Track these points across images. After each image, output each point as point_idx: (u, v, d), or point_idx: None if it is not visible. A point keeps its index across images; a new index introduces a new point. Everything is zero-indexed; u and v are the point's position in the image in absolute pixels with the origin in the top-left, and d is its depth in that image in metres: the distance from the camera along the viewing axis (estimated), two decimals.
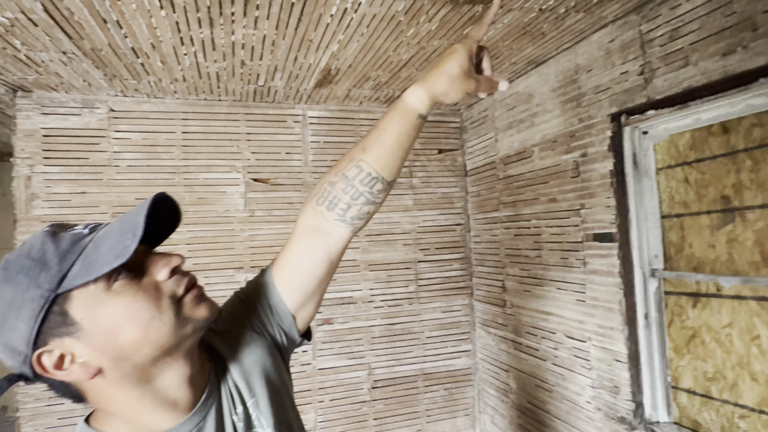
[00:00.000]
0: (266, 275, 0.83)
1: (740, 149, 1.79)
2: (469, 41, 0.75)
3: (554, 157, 2.56)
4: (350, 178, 0.77)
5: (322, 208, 0.79)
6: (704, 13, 1.74)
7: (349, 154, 0.80)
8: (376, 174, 0.76)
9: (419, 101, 0.75)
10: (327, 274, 0.82)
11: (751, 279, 1.70)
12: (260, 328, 0.77)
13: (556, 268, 2.57)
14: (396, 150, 0.76)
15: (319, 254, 0.79)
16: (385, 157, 0.76)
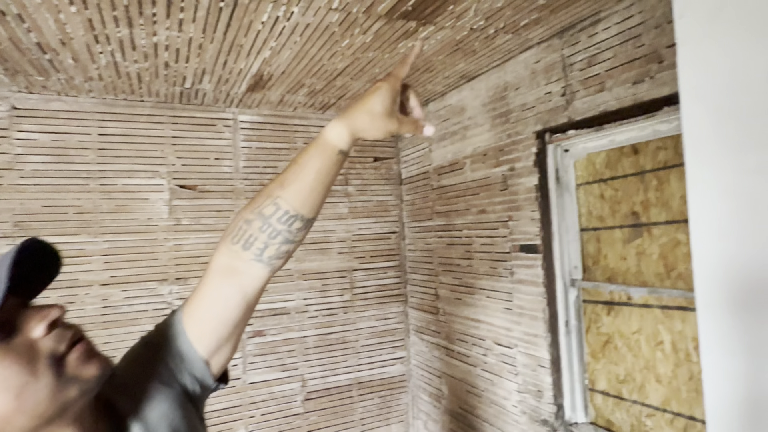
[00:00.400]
0: (175, 319, 0.76)
1: (648, 169, 1.95)
2: (392, 80, 0.73)
3: (484, 170, 2.65)
4: (267, 216, 0.72)
5: (238, 248, 0.73)
6: (618, 43, 1.87)
7: (267, 190, 0.75)
8: (295, 212, 0.72)
9: (339, 137, 0.73)
10: (243, 317, 0.76)
11: (656, 290, 1.86)
12: (168, 378, 0.71)
13: (486, 277, 2.66)
14: (316, 187, 0.73)
15: (235, 297, 0.74)
16: (304, 195, 0.72)
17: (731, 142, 0.97)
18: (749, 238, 0.94)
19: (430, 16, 1.88)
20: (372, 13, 1.83)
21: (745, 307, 0.95)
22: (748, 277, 0.95)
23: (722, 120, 0.99)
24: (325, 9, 1.77)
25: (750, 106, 0.93)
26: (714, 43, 0.99)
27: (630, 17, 1.82)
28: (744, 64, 0.94)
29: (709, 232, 1.02)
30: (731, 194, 0.97)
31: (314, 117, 3.28)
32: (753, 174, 0.93)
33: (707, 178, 1.02)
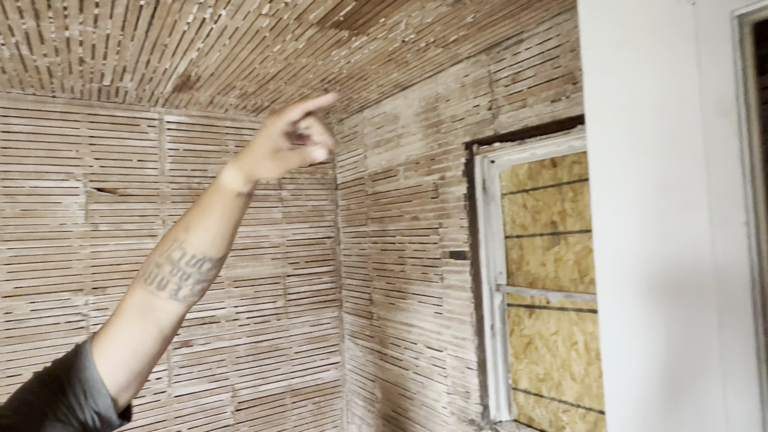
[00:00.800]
0: (82, 354, 0.71)
1: (565, 182, 2.09)
2: (278, 122, 0.72)
3: (417, 178, 2.71)
4: (176, 261, 0.71)
5: (152, 288, 0.71)
6: (539, 63, 1.99)
7: (173, 232, 0.72)
8: (203, 255, 0.71)
9: (234, 181, 0.71)
10: (159, 352, 0.74)
11: (571, 294, 2.00)
12: (66, 416, 0.66)
13: (418, 282, 2.72)
14: (220, 229, 0.71)
15: (151, 331, 0.71)
16: (210, 239, 0.71)
17: (629, 161, 1.07)
18: (645, 247, 1.04)
19: (362, 26, 1.90)
20: (304, 21, 1.82)
21: (640, 309, 1.05)
22: (644, 283, 1.05)
23: (621, 141, 1.08)
24: (254, 14, 1.73)
25: (643, 130, 1.03)
26: (614, 74, 1.09)
27: (549, 39, 1.94)
28: (639, 93, 1.04)
29: (609, 242, 1.11)
30: (630, 207, 1.06)
31: (247, 119, 3.19)
32: (648, 188, 1.03)
33: (608, 192, 1.11)
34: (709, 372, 0.91)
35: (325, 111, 3.17)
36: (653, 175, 1.01)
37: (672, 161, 0.97)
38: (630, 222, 1.06)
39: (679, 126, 0.95)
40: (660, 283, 1.00)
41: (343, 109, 3.15)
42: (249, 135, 3.19)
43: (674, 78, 0.96)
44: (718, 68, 0.88)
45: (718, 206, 0.88)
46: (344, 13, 1.76)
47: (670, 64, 0.97)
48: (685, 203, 0.94)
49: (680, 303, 0.97)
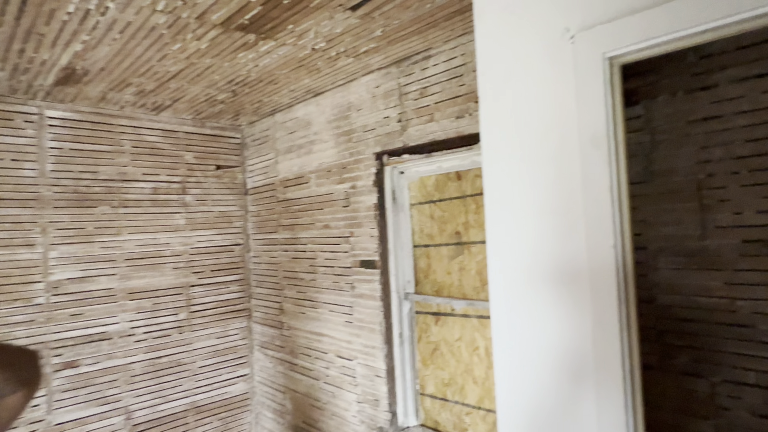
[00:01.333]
0: None
1: (468, 194, 2.19)
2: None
3: (328, 186, 2.68)
4: None
5: None
6: (445, 80, 2.06)
7: None
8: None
9: None
10: None
11: (473, 302, 2.09)
12: None
13: (329, 291, 2.69)
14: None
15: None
16: None
17: (519, 183, 1.13)
18: (533, 262, 1.11)
19: (269, 31, 1.84)
20: (205, 21, 1.72)
21: (525, 317, 1.12)
22: (532, 292, 1.12)
23: (512, 165, 1.15)
24: (148, 9, 1.60)
25: (531, 155, 1.10)
26: (505, 101, 1.15)
27: (454, 57, 2.02)
28: (527, 121, 1.11)
29: (501, 254, 1.17)
30: (519, 226, 1.13)
31: (146, 118, 2.95)
32: (535, 210, 1.10)
33: (500, 211, 1.17)
34: (585, 365, 0.99)
35: (234, 112, 3.04)
36: (540, 197, 1.08)
37: (556, 186, 1.04)
38: (520, 239, 1.13)
39: (561, 153, 1.03)
40: (546, 294, 1.07)
41: (253, 112, 3.04)
42: (149, 135, 2.96)
43: (557, 108, 1.04)
44: (593, 104, 0.96)
45: (592, 231, 0.97)
46: (249, 16, 1.69)
47: (553, 96, 1.04)
48: (566, 226, 1.02)
49: (562, 312, 1.04)
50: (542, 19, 1.06)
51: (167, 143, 3.04)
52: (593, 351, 0.97)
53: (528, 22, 1.09)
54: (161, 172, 3.01)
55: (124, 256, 2.84)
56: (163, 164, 3.02)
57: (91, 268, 2.73)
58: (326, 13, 1.70)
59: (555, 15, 1.04)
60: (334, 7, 1.66)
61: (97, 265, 2.75)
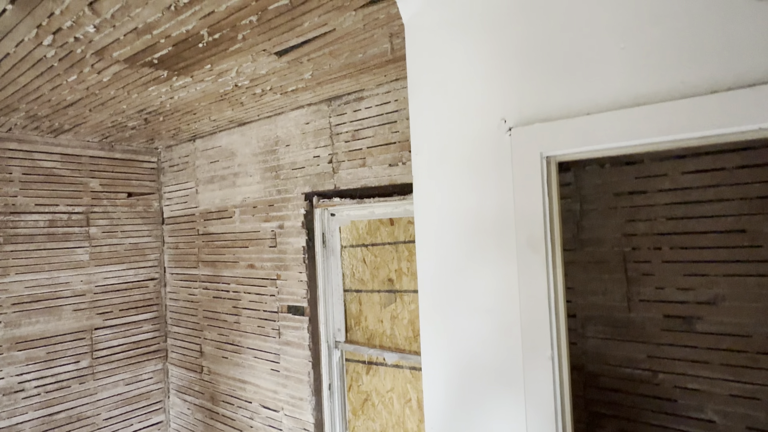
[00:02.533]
0: None
1: (401, 241, 2.12)
2: None
3: (254, 223, 2.50)
4: None
5: None
6: (377, 124, 1.98)
7: None
8: None
9: None
10: None
11: (405, 356, 2.02)
12: None
13: (254, 336, 2.51)
14: None
15: None
16: None
17: (450, 274, 1.06)
18: (470, 361, 1.04)
19: (183, 69, 1.65)
20: (105, 57, 1.50)
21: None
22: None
23: (442, 252, 1.08)
24: (32, 43, 1.36)
25: (462, 231, 1.04)
26: (438, 182, 1.07)
27: (387, 103, 1.94)
28: (458, 198, 1.04)
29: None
30: (453, 324, 1.06)
31: (41, 141, 2.60)
32: (469, 308, 1.04)
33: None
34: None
35: (148, 136, 2.76)
36: (476, 297, 1.01)
37: (491, 283, 0.98)
38: (449, 343, 1.05)
39: (499, 246, 0.97)
40: (483, 388, 1.01)
41: (171, 137, 2.77)
42: (44, 160, 2.61)
43: (494, 199, 0.98)
44: (531, 203, 0.91)
45: (528, 338, 0.91)
46: (158, 56, 1.50)
47: (490, 185, 0.98)
48: (502, 328, 0.96)
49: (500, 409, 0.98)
50: (478, 104, 1.00)
51: (67, 169, 2.69)
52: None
53: (463, 105, 1.02)
54: (60, 201, 2.66)
55: (11, 300, 2.47)
56: (62, 193, 2.67)
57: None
58: (248, 57, 1.55)
59: (491, 103, 0.98)
60: (257, 52, 1.51)
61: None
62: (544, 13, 0.91)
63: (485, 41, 0.99)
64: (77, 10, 1.17)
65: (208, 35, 1.34)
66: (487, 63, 0.99)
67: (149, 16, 1.22)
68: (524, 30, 0.93)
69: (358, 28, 1.36)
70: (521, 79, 0.94)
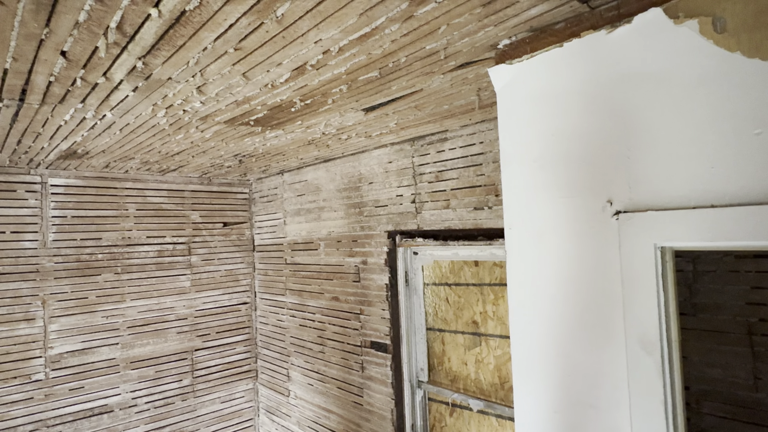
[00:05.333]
0: None
1: (486, 283, 2.06)
2: None
3: (338, 257, 2.57)
4: None
5: None
6: (461, 166, 1.94)
7: None
8: None
9: None
10: None
11: (492, 405, 1.95)
12: None
13: (338, 367, 2.57)
14: None
15: None
16: None
17: (549, 365, 1.00)
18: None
19: (276, 125, 1.73)
20: (208, 121, 1.62)
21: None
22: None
23: (540, 340, 1.02)
24: (147, 115, 1.51)
25: (558, 315, 0.97)
26: (533, 261, 1.02)
27: (472, 144, 1.90)
28: (559, 287, 0.98)
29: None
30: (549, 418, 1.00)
31: (152, 179, 2.87)
32: (570, 401, 0.97)
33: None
34: None
35: (242, 172, 2.94)
36: (577, 389, 0.95)
37: (597, 380, 0.91)
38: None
39: (601, 339, 0.90)
40: None
41: (261, 171, 2.94)
42: (154, 196, 2.88)
43: (597, 289, 0.91)
44: (644, 300, 0.83)
45: None
46: (255, 118, 1.59)
47: (592, 272, 0.92)
48: (607, 423, 0.89)
49: None
50: (579, 182, 0.94)
51: (172, 203, 2.95)
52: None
53: (561, 182, 0.96)
54: (166, 233, 2.92)
55: (126, 323, 2.75)
56: (168, 225, 2.93)
57: (93, 338, 2.64)
58: (336, 113, 1.59)
59: (594, 182, 0.91)
60: (345, 110, 1.55)
61: (98, 335, 2.66)
62: (657, 89, 0.83)
63: (590, 114, 0.93)
64: (187, 92, 1.27)
65: (300, 101, 1.39)
66: (592, 138, 0.92)
67: (249, 92, 1.30)
68: (636, 107, 0.86)
69: (446, 87, 1.34)
70: (629, 160, 0.86)
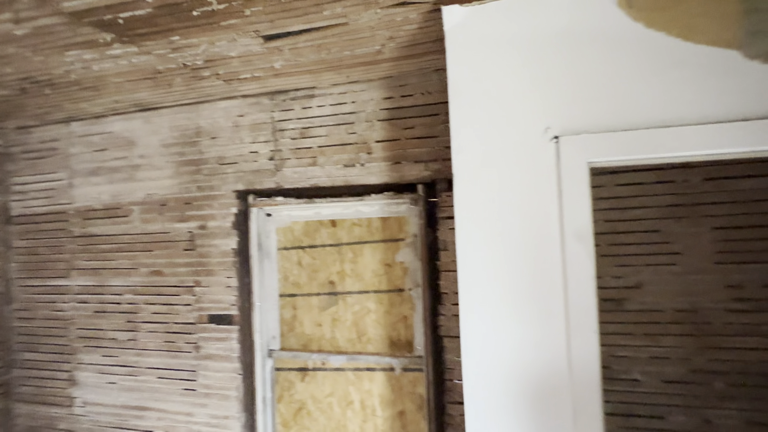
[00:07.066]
0: None
1: (345, 242, 2.11)
2: None
3: (162, 223, 2.18)
4: None
5: None
6: (332, 124, 1.95)
7: None
8: None
9: None
10: None
11: (354, 357, 2.02)
12: None
13: (158, 354, 2.17)
14: None
15: None
16: None
17: (496, 270, 1.16)
18: (510, 348, 1.14)
19: (137, 37, 1.40)
20: (41, 7, 1.19)
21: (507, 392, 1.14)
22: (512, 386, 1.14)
23: (487, 252, 1.17)
24: None
25: (506, 242, 1.15)
26: (481, 183, 1.16)
27: (344, 103, 1.94)
28: (503, 207, 1.15)
29: (475, 342, 1.17)
30: (495, 312, 1.15)
31: None
32: (512, 295, 1.14)
33: (476, 299, 1.17)
34: None
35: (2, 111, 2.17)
36: (515, 284, 1.13)
37: (534, 275, 1.11)
38: (495, 325, 1.15)
39: (540, 242, 1.10)
40: (522, 383, 1.12)
41: (35, 116, 2.23)
42: None
43: (535, 199, 1.11)
44: (578, 204, 1.07)
45: (573, 316, 1.06)
46: (126, 15, 1.25)
47: (531, 187, 1.12)
48: (542, 313, 1.10)
49: (540, 403, 1.11)
50: (522, 112, 1.13)
51: None
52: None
53: (507, 111, 1.14)
54: None
55: None
56: None
57: None
58: (232, 35, 1.40)
59: (536, 112, 1.12)
60: (246, 31, 1.38)
61: None
62: (586, 43, 1.09)
63: (532, 59, 1.13)
64: None
65: (217, 2, 1.18)
66: (533, 78, 1.12)
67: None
68: (566, 56, 1.10)
69: (370, 26, 1.37)
70: (563, 95, 1.10)
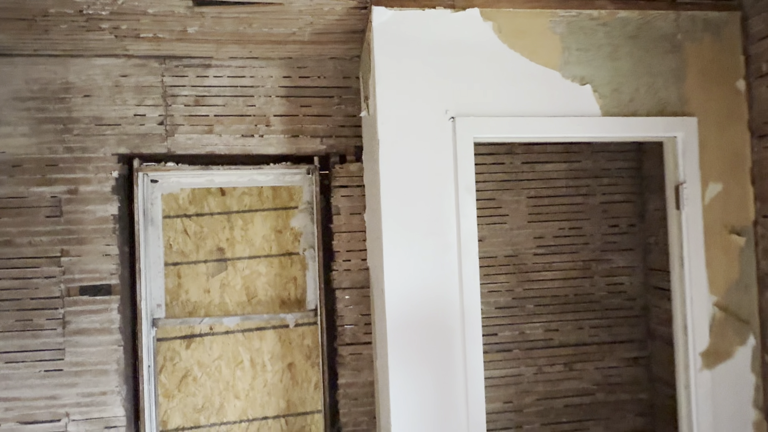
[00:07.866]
0: None
1: (235, 211, 2.20)
2: None
3: (16, 187, 1.92)
4: None
5: None
6: (230, 95, 2.04)
7: None
8: None
9: None
10: None
11: (249, 317, 2.14)
12: None
13: (9, 335, 1.91)
14: None
15: None
16: None
17: (411, 215, 1.50)
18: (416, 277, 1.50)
19: None
20: None
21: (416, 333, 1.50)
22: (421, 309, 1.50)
23: (403, 197, 1.51)
24: None
25: (418, 191, 1.51)
26: (400, 151, 1.50)
27: (243, 77, 2.05)
28: (415, 171, 1.50)
29: (397, 275, 1.49)
30: (409, 248, 1.49)
31: None
32: (419, 234, 1.50)
33: (396, 240, 1.49)
34: None
35: None
36: (424, 223, 1.51)
37: (436, 215, 1.50)
38: (409, 258, 1.50)
39: (442, 192, 1.51)
40: (429, 301, 1.50)
41: None
42: None
43: (438, 161, 1.51)
44: (467, 166, 1.50)
45: (464, 246, 1.49)
46: None
47: (435, 153, 1.51)
48: (443, 244, 1.50)
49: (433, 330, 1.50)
50: (430, 97, 1.50)
51: None
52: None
53: (418, 95, 1.50)
54: None
55: None
56: None
57: None
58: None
59: (440, 97, 1.51)
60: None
61: None
62: (472, 52, 1.53)
63: (436, 57, 1.52)
64: None
65: None
66: (437, 71, 1.52)
67: None
68: (460, 59, 1.53)
69: (300, 10, 1.57)
70: (458, 86, 1.52)
